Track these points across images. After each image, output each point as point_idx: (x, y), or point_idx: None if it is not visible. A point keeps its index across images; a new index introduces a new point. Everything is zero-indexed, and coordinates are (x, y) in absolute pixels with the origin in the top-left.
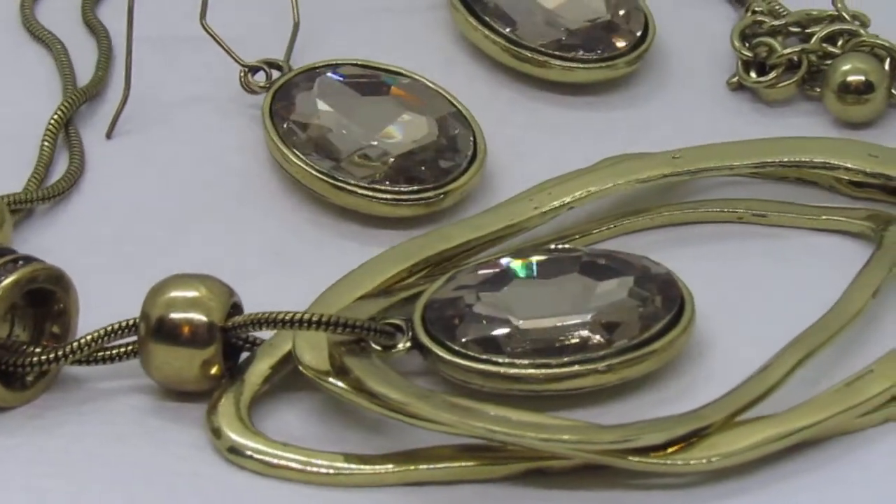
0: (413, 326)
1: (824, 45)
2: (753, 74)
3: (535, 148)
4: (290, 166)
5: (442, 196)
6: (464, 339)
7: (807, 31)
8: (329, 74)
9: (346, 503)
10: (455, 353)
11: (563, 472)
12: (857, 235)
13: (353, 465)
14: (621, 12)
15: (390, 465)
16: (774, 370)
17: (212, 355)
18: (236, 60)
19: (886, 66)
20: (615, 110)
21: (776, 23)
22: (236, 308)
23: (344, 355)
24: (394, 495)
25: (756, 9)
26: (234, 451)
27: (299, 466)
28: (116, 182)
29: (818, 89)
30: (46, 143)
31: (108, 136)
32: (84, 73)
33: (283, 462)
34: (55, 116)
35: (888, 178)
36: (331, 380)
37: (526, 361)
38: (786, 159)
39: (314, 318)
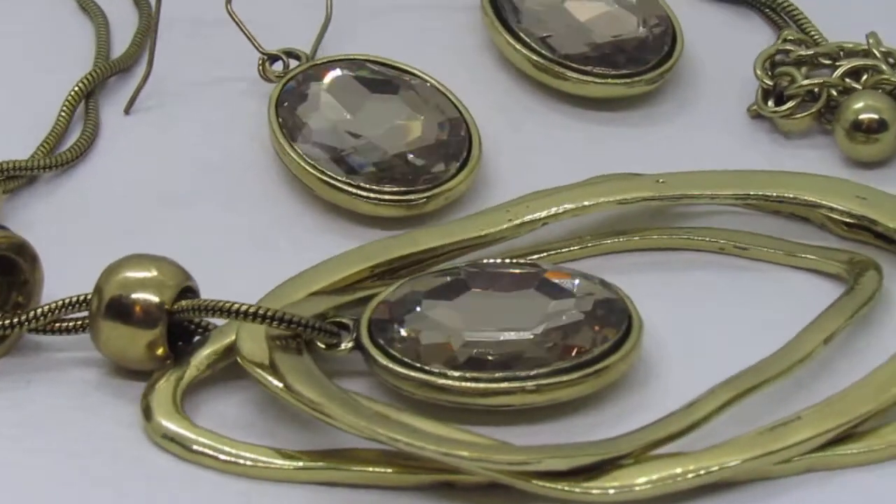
0: (359, 327)
1: (847, 79)
2: (771, 103)
3: (540, 159)
4: (285, 156)
5: (424, 200)
6: (399, 346)
7: (837, 64)
8: (340, 70)
9: (255, 494)
10: (390, 358)
11: (472, 488)
12: (835, 277)
13: (267, 459)
14: (653, 30)
15: (304, 463)
16: (700, 406)
17: (157, 336)
18: (257, 48)
19: None
20: (630, 128)
21: (804, 52)
22: (190, 292)
23: (274, 350)
24: (301, 492)
25: (788, 37)
26: (160, 432)
27: (213, 454)
28: (125, 158)
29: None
30: (63, 113)
31: (127, 111)
32: (123, 47)
33: (201, 448)
34: (77, 87)
35: (872, 222)
36: (262, 373)
37: (457, 374)
38: (771, 194)
39: (256, 311)
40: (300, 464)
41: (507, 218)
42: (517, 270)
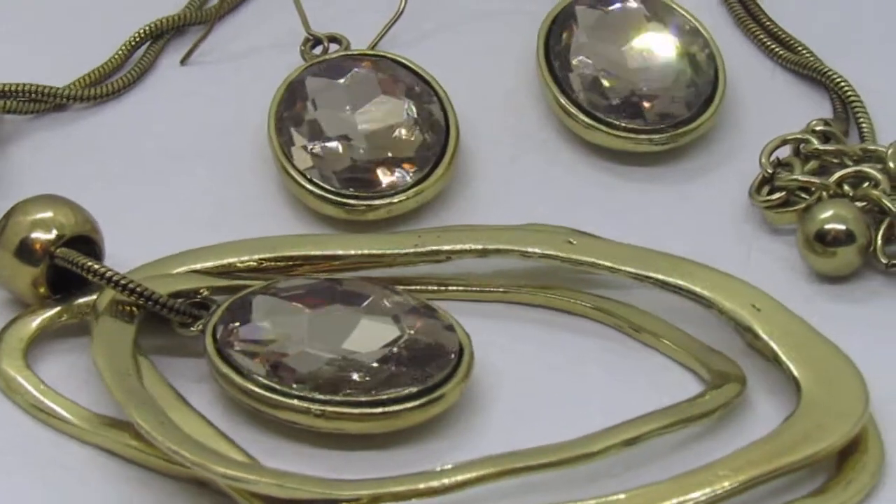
0: (213, 315)
1: (844, 185)
2: (765, 191)
3: (517, 195)
4: (269, 139)
5: (364, 207)
6: (217, 336)
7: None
8: (344, 63)
9: (60, 446)
10: (218, 353)
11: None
12: (704, 381)
13: (66, 415)
14: (688, 88)
15: (92, 427)
16: (455, 473)
17: (38, 275)
18: (305, 28)
19: (883, 228)
20: (628, 182)
21: (820, 147)
22: (87, 243)
23: (104, 314)
24: (89, 452)
25: (815, 127)
26: None
27: (27, 399)
28: (156, 108)
29: None
30: (120, 51)
31: (182, 62)
32: None
33: (17, 391)
34: (145, 27)
35: (755, 336)
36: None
37: (263, 380)
38: (668, 279)
39: (112, 276)
40: (87, 426)
41: (413, 243)
42: (371, 294)
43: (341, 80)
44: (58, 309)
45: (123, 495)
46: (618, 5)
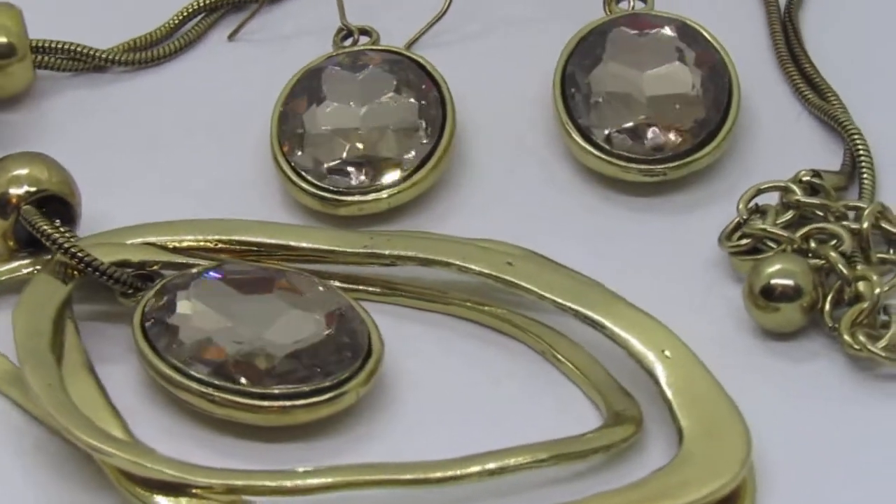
0: (153, 287)
1: (811, 240)
2: (736, 237)
3: (500, 208)
4: (271, 123)
5: (335, 202)
6: (146, 310)
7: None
8: (359, 58)
9: None
10: (140, 322)
11: None
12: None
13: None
14: (695, 122)
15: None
16: (310, 476)
17: (6, 228)
18: (340, 19)
19: (832, 292)
20: (616, 208)
21: (803, 198)
22: (64, 204)
23: (40, 275)
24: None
25: (803, 177)
26: None
27: None
28: (192, 80)
29: None
30: (173, 19)
31: (230, 38)
32: None
33: None
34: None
35: (656, 382)
36: None
37: (171, 359)
38: (587, 313)
39: (56, 239)
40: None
41: (363, 244)
42: (303, 289)
43: (356, 74)
44: (19, 263)
45: (20, 449)
46: (653, 31)
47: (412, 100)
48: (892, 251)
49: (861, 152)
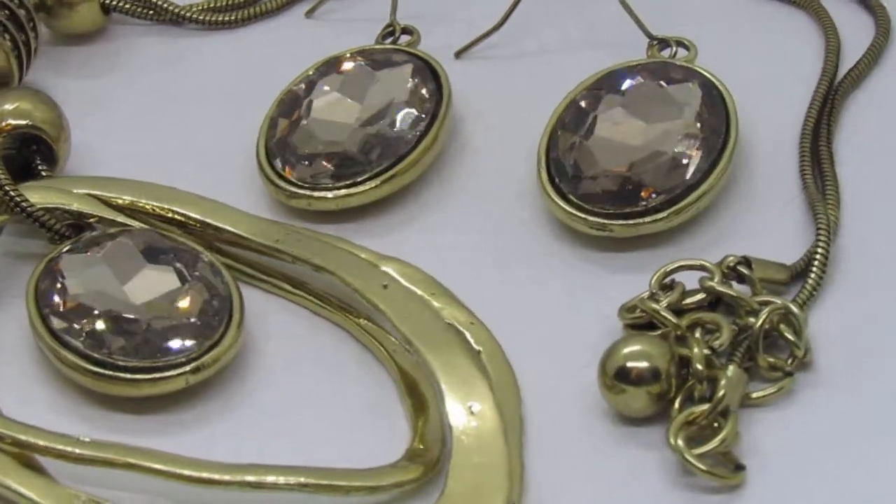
0: (80, 240)
1: (696, 329)
2: (638, 311)
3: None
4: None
5: (289, 193)
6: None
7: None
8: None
9: None
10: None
11: None
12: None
13: None
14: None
15: None
16: (84, 447)
17: None
18: (390, 14)
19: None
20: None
21: (717, 285)
22: (44, 144)
23: None
24: None
25: (730, 263)
26: None
27: None
28: (253, 50)
29: None
30: None
31: (307, 15)
32: None
33: None
34: None
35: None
36: None
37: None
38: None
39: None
40: None
41: (276, 238)
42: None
43: (375, 73)
44: None
45: None
46: (672, 86)
47: (413, 110)
48: (789, 360)
49: (819, 251)
